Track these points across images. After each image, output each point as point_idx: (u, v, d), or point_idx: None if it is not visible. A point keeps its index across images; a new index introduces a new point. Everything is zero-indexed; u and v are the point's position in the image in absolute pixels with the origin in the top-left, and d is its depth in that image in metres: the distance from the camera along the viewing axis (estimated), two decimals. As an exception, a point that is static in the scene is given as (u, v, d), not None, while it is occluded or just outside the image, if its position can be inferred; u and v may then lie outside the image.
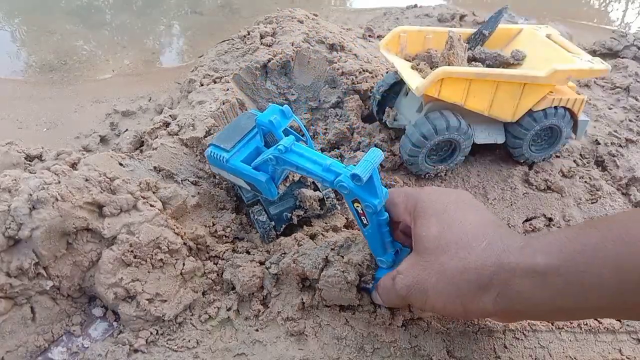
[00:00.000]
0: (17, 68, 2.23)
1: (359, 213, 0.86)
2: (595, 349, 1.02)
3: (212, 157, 1.08)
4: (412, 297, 0.78)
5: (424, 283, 0.74)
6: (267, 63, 1.55)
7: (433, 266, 0.73)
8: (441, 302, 0.74)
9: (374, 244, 0.90)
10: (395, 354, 0.99)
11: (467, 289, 0.69)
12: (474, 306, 0.70)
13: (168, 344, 1.00)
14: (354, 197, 0.84)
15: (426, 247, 0.76)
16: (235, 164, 1.04)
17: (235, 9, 2.79)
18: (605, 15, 2.90)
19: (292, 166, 0.93)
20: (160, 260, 1.04)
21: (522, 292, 0.64)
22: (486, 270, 0.67)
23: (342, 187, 0.83)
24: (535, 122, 1.27)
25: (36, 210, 0.96)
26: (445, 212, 0.76)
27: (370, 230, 0.87)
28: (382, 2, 2.83)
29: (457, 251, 0.71)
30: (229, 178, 1.12)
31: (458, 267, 0.70)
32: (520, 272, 0.64)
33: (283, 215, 1.15)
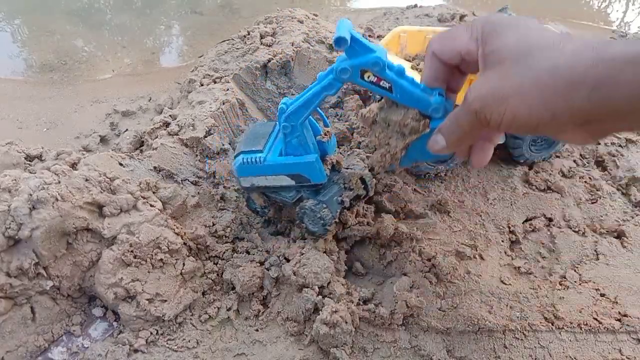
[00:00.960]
0: (17, 68, 2.24)
1: (377, 83, 0.80)
2: (595, 349, 1.02)
3: (245, 165, 1.03)
4: (487, 109, 0.66)
5: (502, 90, 0.64)
6: (267, 63, 1.55)
7: (514, 71, 0.63)
8: (525, 107, 0.62)
9: (413, 100, 0.81)
10: (395, 354, 0.99)
11: (556, 87, 0.60)
12: (563, 107, 0.60)
13: (168, 344, 1.00)
14: (359, 71, 0.79)
15: (504, 57, 0.65)
16: (275, 159, 1.01)
17: (235, 9, 2.79)
18: (605, 15, 2.90)
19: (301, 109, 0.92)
20: (160, 260, 1.04)
21: (622, 84, 0.56)
22: (581, 65, 0.58)
23: (343, 70, 0.79)
24: None
25: (36, 210, 0.96)
26: (518, 24, 0.67)
27: (399, 89, 0.80)
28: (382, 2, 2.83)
29: (543, 52, 0.62)
30: (266, 183, 1.06)
31: (546, 66, 0.61)
32: (623, 61, 0.56)
33: (334, 200, 1.10)
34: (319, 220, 1.07)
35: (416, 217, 1.28)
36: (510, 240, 1.26)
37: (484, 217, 1.29)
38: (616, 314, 1.08)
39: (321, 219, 1.07)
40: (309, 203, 1.06)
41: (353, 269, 1.19)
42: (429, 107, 0.80)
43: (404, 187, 1.29)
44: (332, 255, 1.12)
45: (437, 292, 1.10)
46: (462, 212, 1.29)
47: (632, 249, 1.24)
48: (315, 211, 1.06)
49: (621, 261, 1.21)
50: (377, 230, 1.17)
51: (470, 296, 1.10)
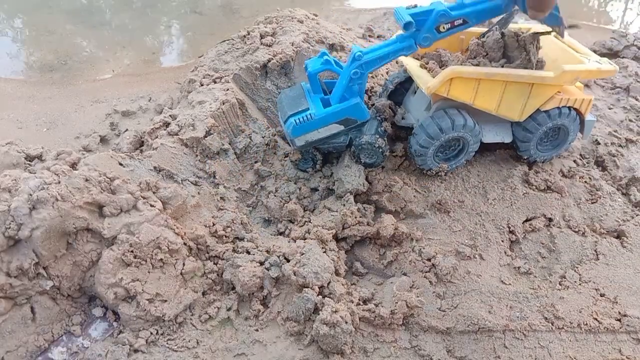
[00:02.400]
0: (17, 68, 2.23)
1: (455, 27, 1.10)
2: (595, 349, 1.02)
3: (298, 125, 1.20)
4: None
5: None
6: (267, 63, 1.55)
7: None
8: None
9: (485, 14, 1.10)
10: (395, 354, 0.99)
11: None
12: None
13: (168, 344, 1.00)
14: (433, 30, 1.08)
15: None
16: (323, 111, 1.20)
17: (235, 9, 2.79)
18: (605, 15, 2.90)
19: (376, 61, 1.15)
20: (161, 260, 1.04)
21: None
22: None
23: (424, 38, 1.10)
24: (549, 120, 1.28)
25: (36, 210, 0.96)
26: None
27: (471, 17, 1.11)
28: (382, 2, 2.83)
29: None
30: (318, 137, 1.24)
31: None
32: None
33: (379, 130, 1.29)
34: (377, 149, 1.26)
35: (416, 217, 1.28)
36: (510, 240, 1.26)
37: (484, 217, 1.29)
38: (616, 314, 1.08)
39: (379, 148, 1.26)
40: (365, 138, 1.25)
41: (353, 269, 1.19)
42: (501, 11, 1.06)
43: (404, 187, 1.29)
44: (332, 255, 1.12)
45: (437, 292, 1.10)
46: (462, 212, 1.29)
47: (632, 249, 1.24)
48: (372, 143, 1.25)
49: (621, 261, 1.21)
50: (377, 230, 1.17)
51: (470, 296, 1.10)
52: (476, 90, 1.20)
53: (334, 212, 1.22)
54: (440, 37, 1.04)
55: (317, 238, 1.13)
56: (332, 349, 0.96)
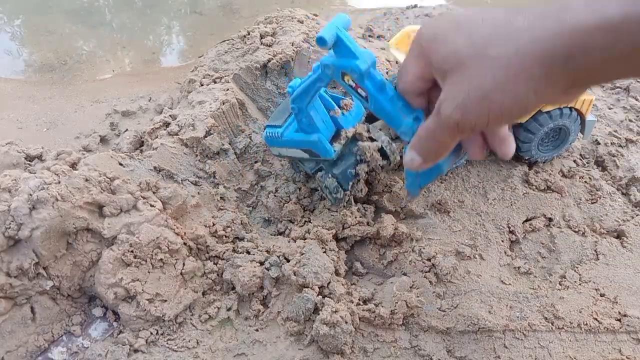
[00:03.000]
0: (17, 68, 2.23)
1: (355, 89, 0.79)
2: (595, 349, 1.02)
3: (269, 138, 1.16)
4: (469, 114, 0.62)
5: (479, 89, 0.60)
6: (267, 63, 1.55)
7: (481, 66, 0.60)
8: (509, 96, 0.59)
9: (386, 116, 0.79)
10: (395, 354, 0.99)
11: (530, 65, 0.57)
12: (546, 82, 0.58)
13: (168, 344, 1.00)
14: (339, 70, 0.79)
15: (461, 59, 0.62)
16: (289, 135, 1.13)
17: (235, 9, 2.79)
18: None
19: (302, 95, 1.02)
20: (160, 260, 1.04)
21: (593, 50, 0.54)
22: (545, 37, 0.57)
23: (326, 66, 0.79)
24: (550, 120, 1.28)
25: (36, 210, 0.96)
26: (458, 22, 0.65)
27: (373, 101, 0.78)
28: (382, 2, 2.83)
29: (500, 38, 0.59)
30: (288, 154, 1.18)
31: (510, 50, 0.58)
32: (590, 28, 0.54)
33: (347, 172, 1.16)
34: (331, 194, 1.17)
35: (416, 217, 1.28)
36: (510, 240, 1.26)
37: (484, 217, 1.29)
38: (616, 314, 1.08)
39: (336, 199, 1.17)
40: (327, 182, 1.16)
41: (353, 269, 1.19)
42: (399, 129, 0.77)
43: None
44: (332, 255, 1.12)
45: (437, 292, 1.10)
46: (462, 212, 1.29)
47: (632, 249, 1.24)
48: (330, 191, 1.16)
49: (621, 261, 1.21)
50: (377, 230, 1.17)
51: (470, 296, 1.10)
52: None
53: (334, 212, 1.22)
54: (339, 82, 0.82)
55: (317, 238, 1.13)
56: (332, 349, 0.96)
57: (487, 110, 0.61)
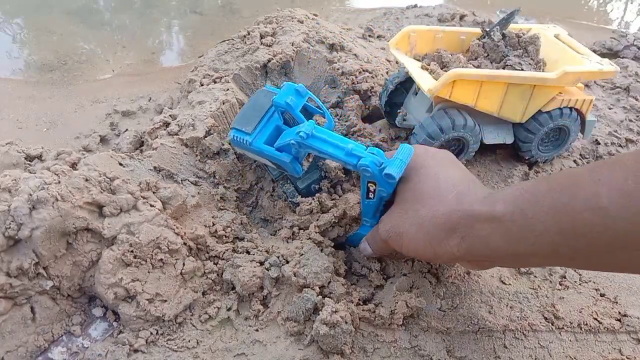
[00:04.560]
0: (17, 68, 2.23)
1: (368, 190, 0.93)
2: (595, 349, 1.02)
3: (235, 140, 1.13)
4: (391, 240, 0.85)
5: (399, 228, 0.82)
6: (267, 63, 1.55)
7: (408, 213, 0.81)
8: (414, 245, 0.80)
9: (367, 211, 1.00)
10: (395, 354, 0.99)
11: (436, 233, 0.75)
12: (442, 249, 0.76)
13: (168, 344, 1.00)
14: (373, 181, 0.90)
15: (403, 198, 0.84)
16: (259, 146, 1.09)
17: (235, 9, 2.79)
18: (605, 15, 2.90)
19: (315, 151, 0.99)
20: (160, 260, 1.04)
21: (483, 237, 0.70)
22: (453, 217, 0.73)
23: (366, 170, 0.88)
24: (551, 120, 1.28)
25: (36, 210, 0.96)
26: (424, 167, 0.84)
27: (372, 203, 0.96)
28: (382, 2, 2.83)
29: (429, 200, 0.78)
30: (254, 157, 1.18)
31: (429, 214, 0.77)
32: (481, 217, 0.70)
33: (311, 188, 1.20)
34: (283, 195, 1.21)
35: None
36: (510, 240, 1.26)
37: (484, 217, 1.28)
38: (616, 314, 1.08)
39: (284, 193, 1.21)
40: (280, 184, 1.21)
41: (352, 269, 1.19)
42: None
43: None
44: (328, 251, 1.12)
45: (437, 292, 1.10)
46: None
47: (632, 249, 1.24)
48: (290, 199, 1.20)
49: (621, 261, 1.21)
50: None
51: (470, 296, 1.10)
52: (478, 92, 1.20)
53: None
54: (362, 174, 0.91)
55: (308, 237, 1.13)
56: (332, 349, 0.96)
57: (400, 244, 0.84)
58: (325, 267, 1.05)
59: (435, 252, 0.78)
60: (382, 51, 1.88)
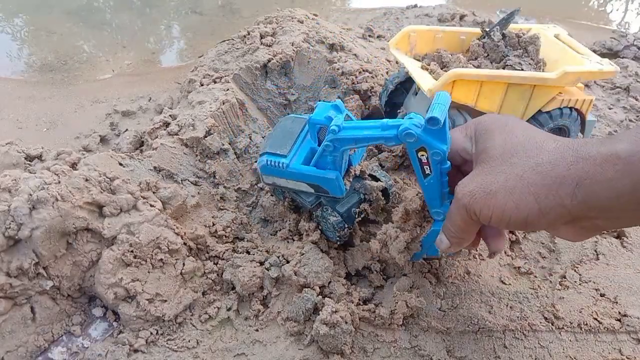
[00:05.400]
0: (17, 68, 2.24)
1: (422, 162, 0.83)
2: (595, 349, 1.02)
3: (269, 166, 1.03)
4: (476, 205, 0.69)
5: (489, 186, 0.67)
6: (267, 63, 1.55)
7: (500, 168, 0.67)
8: (511, 204, 0.65)
9: (431, 195, 0.87)
10: (395, 354, 0.99)
11: (541, 183, 0.63)
12: (551, 202, 0.63)
13: (168, 344, 1.00)
14: (420, 145, 0.80)
15: (491, 156, 0.70)
16: (297, 167, 1.01)
17: (235, 9, 2.79)
18: (605, 15, 2.90)
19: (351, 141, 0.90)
20: (160, 260, 1.04)
21: (604, 181, 0.59)
22: (562, 162, 0.62)
23: (409, 134, 0.78)
24: (551, 120, 1.28)
25: (36, 210, 0.96)
26: (506, 124, 0.73)
27: (432, 180, 0.84)
28: (382, 2, 2.83)
29: (527, 152, 0.66)
30: (287, 185, 1.07)
31: (530, 164, 0.64)
32: (601, 159, 0.59)
33: (352, 212, 1.11)
34: (335, 231, 1.08)
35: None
36: (510, 240, 1.26)
37: (484, 217, 1.29)
38: (616, 314, 1.08)
39: (339, 237, 1.09)
40: (331, 220, 1.07)
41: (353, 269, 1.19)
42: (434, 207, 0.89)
43: (403, 187, 1.29)
44: (331, 255, 1.12)
45: (437, 292, 1.10)
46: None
47: (632, 249, 1.24)
48: (335, 228, 1.07)
49: (621, 261, 1.21)
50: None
51: (470, 296, 1.10)
52: (478, 92, 1.20)
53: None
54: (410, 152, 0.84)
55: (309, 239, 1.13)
56: (332, 349, 0.96)
57: (490, 206, 0.68)
58: (325, 267, 1.05)
59: (541, 209, 0.63)
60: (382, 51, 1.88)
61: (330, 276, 1.06)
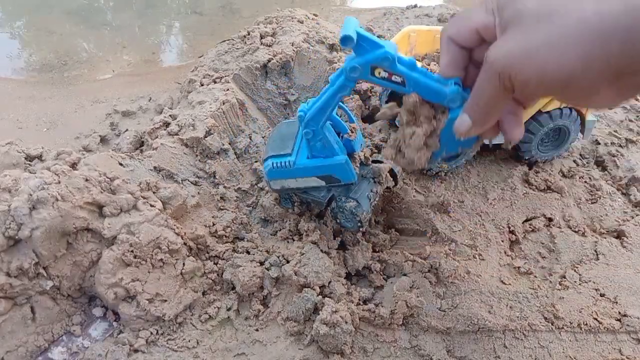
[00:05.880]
0: (17, 68, 2.24)
1: (389, 80, 0.79)
2: (595, 349, 1.02)
3: (275, 169, 1.04)
4: (512, 67, 0.61)
5: (528, 43, 0.60)
6: (267, 63, 1.55)
7: (538, 26, 0.60)
8: (554, 59, 0.59)
9: (427, 91, 0.78)
10: (395, 354, 0.99)
11: (587, 37, 0.57)
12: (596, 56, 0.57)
13: (168, 344, 1.00)
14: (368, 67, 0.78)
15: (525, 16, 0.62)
16: (304, 161, 1.02)
17: (235, 9, 2.79)
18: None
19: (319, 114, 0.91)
20: (161, 260, 1.04)
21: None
22: (610, 14, 0.56)
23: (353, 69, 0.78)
24: (551, 120, 1.28)
25: (36, 210, 0.96)
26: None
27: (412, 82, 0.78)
28: (382, 2, 2.83)
29: (568, 7, 0.59)
30: (296, 185, 1.07)
31: (572, 18, 0.58)
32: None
33: (366, 196, 1.11)
34: (356, 221, 1.09)
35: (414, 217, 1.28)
36: (510, 240, 1.26)
37: (484, 217, 1.29)
38: (616, 314, 1.08)
39: (359, 222, 1.09)
40: (349, 205, 1.07)
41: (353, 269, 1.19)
42: (445, 98, 0.76)
43: (403, 187, 1.29)
44: (331, 255, 1.12)
45: (437, 292, 1.10)
46: (462, 212, 1.29)
47: (632, 249, 1.24)
48: (355, 214, 1.07)
49: (621, 261, 1.21)
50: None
51: (470, 296, 1.10)
52: None
53: None
54: (368, 79, 0.80)
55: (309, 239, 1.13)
56: (332, 349, 0.96)
57: (529, 66, 0.60)
58: (326, 267, 1.05)
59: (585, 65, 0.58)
60: (382, 51, 1.88)
61: (330, 276, 1.06)
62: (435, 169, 1.33)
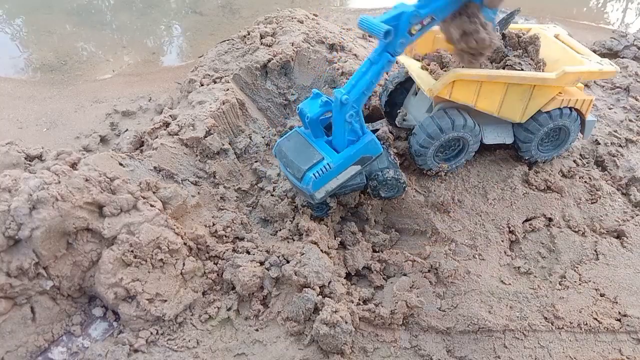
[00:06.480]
0: (17, 68, 2.23)
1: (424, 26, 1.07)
2: (595, 349, 1.02)
3: (318, 178, 1.09)
4: None
5: None
6: (267, 63, 1.55)
7: None
8: None
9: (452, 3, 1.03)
10: (395, 354, 0.99)
11: None
12: None
13: (168, 344, 1.00)
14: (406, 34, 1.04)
15: None
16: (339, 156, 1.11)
17: (235, 9, 2.78)
18: (605, 15, 2.90)
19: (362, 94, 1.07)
20: (161, 260, 1.04)
21: None
22: None
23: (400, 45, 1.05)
24: (550, 120, 1.29)
25: (36, 210, 0.96)
26: None
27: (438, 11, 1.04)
28: (382, 2, 2.83)
29: None
30: (337, 184, 1.14)
31: None
32: None
33: (392, 160, 1.26)
34: (401, 184, 1.22)
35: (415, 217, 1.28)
36: (510, 240, 1.26)
37: (484, 217, 1.29)
38: (616, 314, 1.08)
39: (404, 183, 1.22)
40: (390, 174, 1.20)
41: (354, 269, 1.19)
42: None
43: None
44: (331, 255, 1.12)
45: (437, 292, 1.10)
46: (462, 212, 1.29)
47: (632, 249, 1.24)
48: (398, 179, 1.21)
49: (621, 261, 1.21)
50: None
51: (470, 296, 1.10)
52: (478, 92, 1.21)
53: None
54: (412, 40, 1.00)
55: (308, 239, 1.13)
56: (332, 348, 0.96)
57: None
58: (326, 267, 1.05)
59: None
60: (382, 51, 1.88)
61: (330, 276, 1.06)
62: (435, 169, 1.33)
